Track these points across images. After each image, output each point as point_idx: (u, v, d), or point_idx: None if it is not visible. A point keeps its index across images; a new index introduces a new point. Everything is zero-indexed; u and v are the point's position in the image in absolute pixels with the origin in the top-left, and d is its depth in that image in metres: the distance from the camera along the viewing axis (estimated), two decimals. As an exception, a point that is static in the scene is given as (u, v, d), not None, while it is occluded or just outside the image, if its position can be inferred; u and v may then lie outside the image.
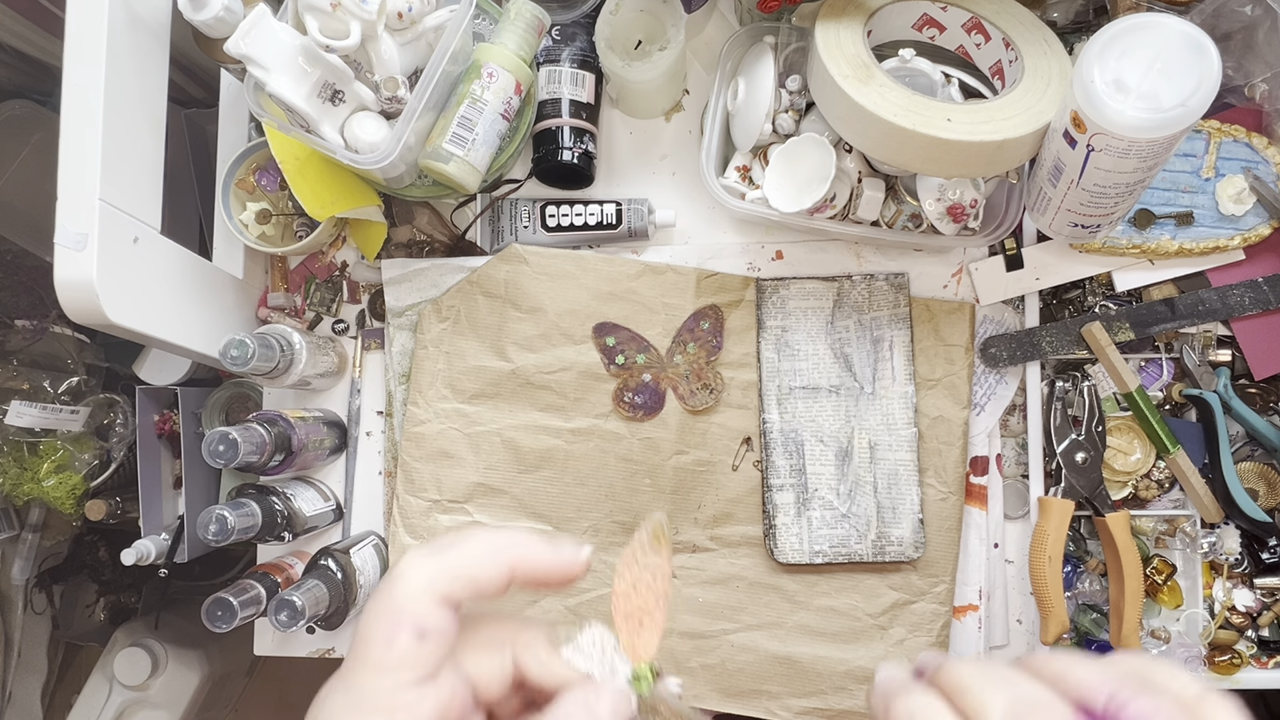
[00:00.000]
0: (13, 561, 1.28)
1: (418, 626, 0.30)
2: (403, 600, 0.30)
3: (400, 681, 0.29)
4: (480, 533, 0.32)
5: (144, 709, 1.26)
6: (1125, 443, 0.81)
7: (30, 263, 1.11)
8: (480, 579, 0.31)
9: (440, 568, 0.31)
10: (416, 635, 0.30)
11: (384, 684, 0.29)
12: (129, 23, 0.70)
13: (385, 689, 0.29)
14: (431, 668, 0.30)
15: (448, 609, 0.31)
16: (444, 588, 0.31)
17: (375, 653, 0.30)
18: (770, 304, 0.82)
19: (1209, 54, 0.59)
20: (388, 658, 0.30)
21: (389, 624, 0.30)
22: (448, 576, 0.31)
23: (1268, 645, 0.80)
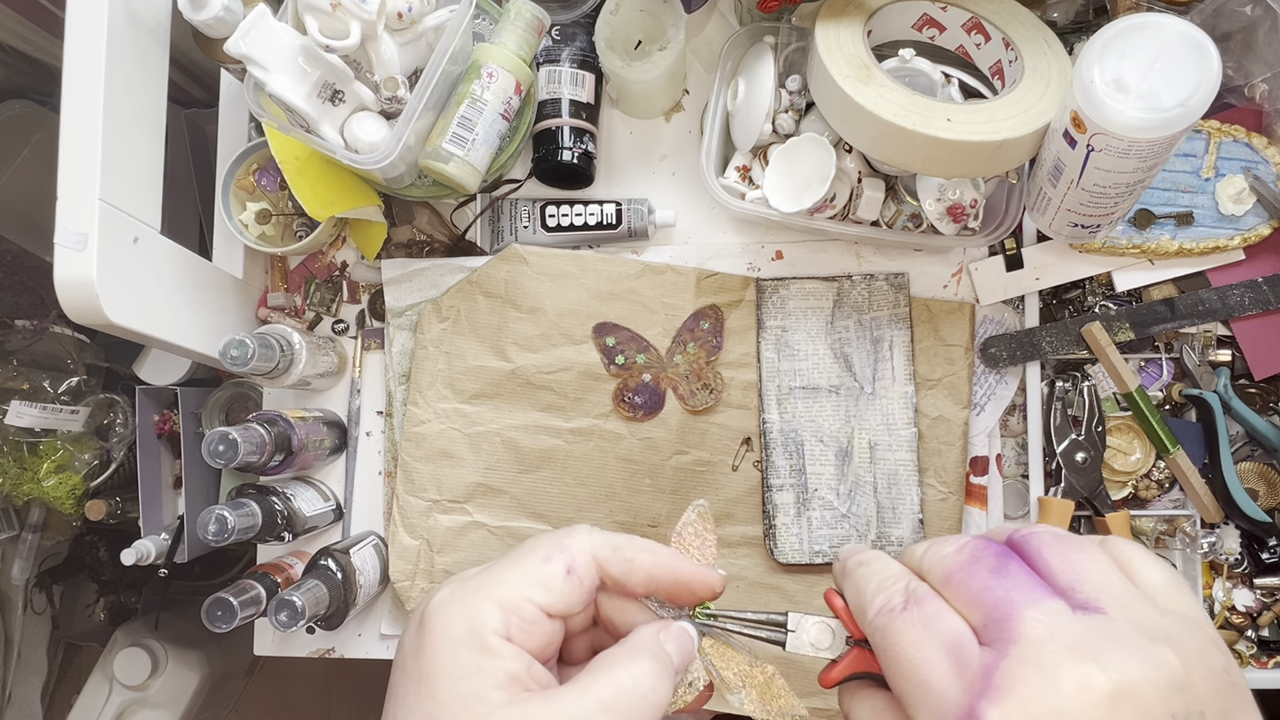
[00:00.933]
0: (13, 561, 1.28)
1: (571, 563, 0.34)
2: (573, 541, 0.35)
3: (534, 595, 0.33)
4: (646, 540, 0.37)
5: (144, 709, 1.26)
6: (1125, 443, 0.81)
7: (30, 263, 1.11)
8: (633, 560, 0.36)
9: (605, 539, 0.36)
10: (566, 568, 0.34)
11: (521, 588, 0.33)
12: (129, 23, 0.70)
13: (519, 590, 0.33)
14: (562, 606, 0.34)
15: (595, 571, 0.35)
16: (603, 553, 0.35)
17: (531, 563, 0.34)
18: (770, 304, 0.82)
19: (1209, 54, 0.59)
20: (536, 572, 0.34)
21: (553, 548, 0.35)
22: (608, 546, 0.36)
23: (1268, 645, 0.80)
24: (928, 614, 0.30)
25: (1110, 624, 0.27)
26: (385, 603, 0.85)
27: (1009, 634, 0.28)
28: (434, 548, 0.82)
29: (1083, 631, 0.27)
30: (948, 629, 0.29)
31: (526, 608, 0.33)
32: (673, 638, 0.35)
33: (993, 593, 0.29)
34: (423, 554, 0.82)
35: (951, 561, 0.31)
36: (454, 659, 0.32)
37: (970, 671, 0.28)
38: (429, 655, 0.32)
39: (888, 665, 0.31)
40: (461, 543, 0.82)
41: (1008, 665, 0.27)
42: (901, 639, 0.30)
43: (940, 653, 0.29)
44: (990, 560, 0.30)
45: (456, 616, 0.32)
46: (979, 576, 0.30)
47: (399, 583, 0.82)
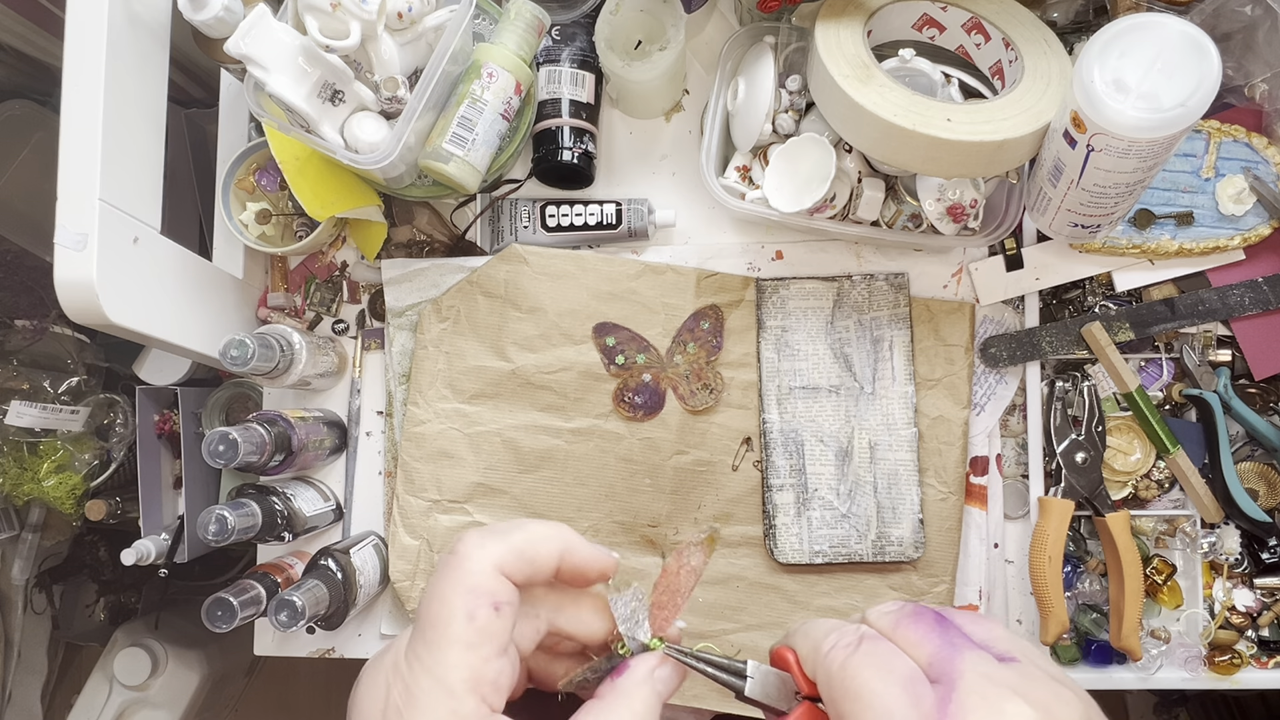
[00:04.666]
0: (13, 561, 1.28)
1: (494, 601, 0.32)
2: (477, 578, 0.32)
3: (485, 655, 0.32)
4: (533, 521, 0.35)
5: (144, 709, 1.26)
6: (1125, 443, 0.81)
7: (30, 263, 1.11)
8: (538, 561, 0.34)
9: (504, 548, 0.33)
10: (494, 609, 0.32)
11: (471, 659, 0.31)
12: (129, 23, 0.70)
13: (473, 663, 0.31)
14: (507, 639, 0.33)
15: (512, 585, 0.33)
16: (510, 567, 0.33)
17: (457, 630, 0.32)
18: (770, 304, 0.82)
19: (1209, 54, 0.59)
20: (469, 633, 0.32)
21: (469, 600, 0.32)
22: (512, 555, 0.33)
23: (1268, 645, 0.80)
24: (882, 652, 0.33)
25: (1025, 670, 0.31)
26: (385, 603, 0.85)
27: (954, 673, 0.31)
28: (434, 548, 0.82)
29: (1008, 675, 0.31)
30: (901, 666, 0.32)
31: (488, 671, 0.32)
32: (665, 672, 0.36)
33: (938, 637, 0.33)
34: (423, 554, 0.82)
35: (898, 614, 0.34)
36: None
37: (926, 704, 0.30)
38: None
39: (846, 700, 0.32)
40: (461, 543, 0.82)
41: (958, 698, 0.30)
42: (861, 673, 0.32)
43: (898, 688, 0.31)
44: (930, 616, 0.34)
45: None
46: (925, 624, 0.33)
47: (399, 583, 0.82)
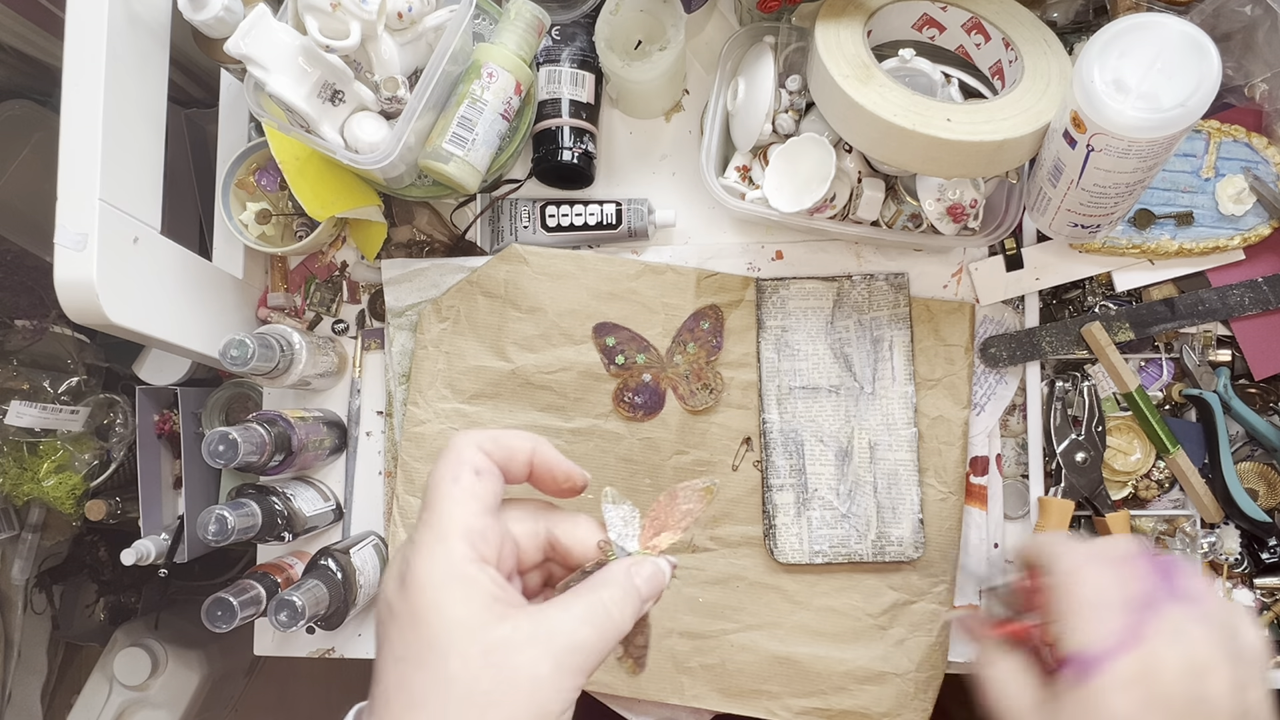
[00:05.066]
0: (13, 561, 1.28)
1: (475, 466, 0.38)
2: (461, 452, 0.38)
3: (472, 510, 0.37)
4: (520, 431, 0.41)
5: (144, 709, 1.26)
6: (1125, 443, 0.81)
7: (30, 263, 1.11)
8: (512, 447, 0.40)
9: (484, 434, 0.39)
10: (474, 472, 0.38)
11: (458, 512, 0.37)
12: (129, 23, 0.70)
13: (460, 515, 0.37)
14: (491, 501, 0.38)
15: (493, 461, 0.39)
16: (487, 446, 0.39)
17: (444, 489, 0.37)
18: (770, 304, 0.82)
19: (1209, 54, 0.59)
20: (456, 491, 0.37)
21: (453, 467, 0.38)
22: (489, 440, 0.39)
23: (1268, 645, 0.80)
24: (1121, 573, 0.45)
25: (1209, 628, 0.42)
26: (385, 603, 0.85)
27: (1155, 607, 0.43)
28: (434, 548, 0.82)
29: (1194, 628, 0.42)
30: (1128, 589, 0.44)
31: (474, 524, 0.37)
32: (643, 573, 0.40)
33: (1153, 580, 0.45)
34: (423, 554, 0.82)
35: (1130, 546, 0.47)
36: (441, 595, 0.35)
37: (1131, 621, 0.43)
38: (417, 597, 0.35)
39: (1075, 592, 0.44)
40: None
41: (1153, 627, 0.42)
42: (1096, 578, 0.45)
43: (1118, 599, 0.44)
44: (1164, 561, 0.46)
45: (429, 562, 0.36)
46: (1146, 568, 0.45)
47: (399, 583, 0.82)
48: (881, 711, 0.78)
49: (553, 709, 0.35)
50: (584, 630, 0.37)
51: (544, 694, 0.35)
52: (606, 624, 0.37)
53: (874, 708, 0.78)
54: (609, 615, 0.38)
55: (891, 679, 0.78)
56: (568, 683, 0.35)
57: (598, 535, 0.41)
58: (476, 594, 0.36)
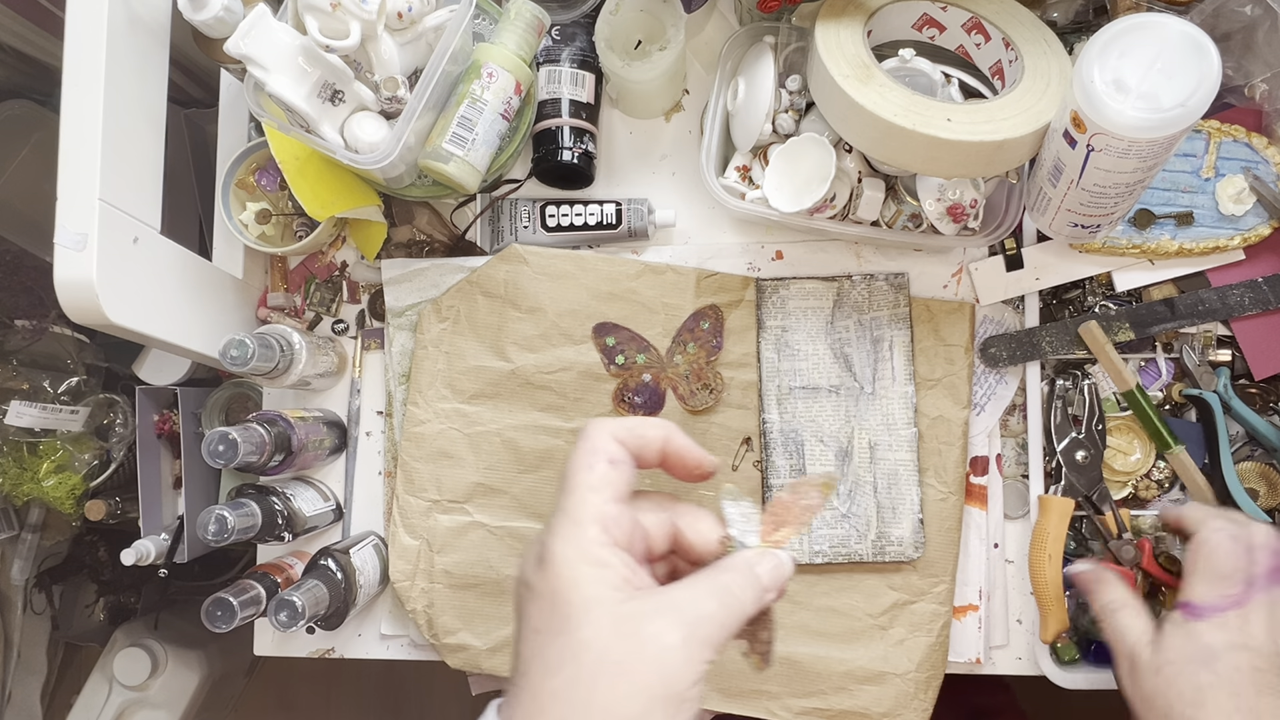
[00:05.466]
0: (12, 561, 1.28)
1: (609, 456, 0.41)
2: (596, 441, 0.41)
3: (605, 497, 0.40)
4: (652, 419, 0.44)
5: (144, 709, 1.26)
6: (1125, 443, 0.81)
7: (30, 263, 1.11)
8: (645, 436, 0.42)
9: (618, 424, 0.42)
10: (609, 461, 0.40)
11: (592, 498, 0.39)
12: (129, 23, 0.70)
13: (594, 502, 0.39)
14: (624, 488, 0.40)
15: (626, 450, 0.41)
16: (622, 435, 0.42)
17: (581, 477, 0.40)
18: (770, 304, 0.82)
19: (1209, 54, 0.59)
20: (591, 479, 0.40)
21: (588, 456, 0.40)
22: (623, 429, 0.42)
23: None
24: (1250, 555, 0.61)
25: None
26: (385, 603, 0.85)
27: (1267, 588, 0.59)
28: (434, 548, 0.82)
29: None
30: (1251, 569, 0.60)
31: (607, 510, 0.39)
32: (765, 563, 0.42)
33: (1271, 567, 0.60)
34: (423, 554, 0.82)
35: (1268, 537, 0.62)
36: (576, 573, 0.38)
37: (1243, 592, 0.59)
38: (554, 575, 0.38)
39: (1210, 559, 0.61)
40: (461, 543, 0.82)
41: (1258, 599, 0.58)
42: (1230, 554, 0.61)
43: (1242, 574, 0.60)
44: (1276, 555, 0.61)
45: (565, 544, 0.39)
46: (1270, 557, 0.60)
47: (399, 583, 0.82)
48: (881, 712, 0.78)
49: (682, 677, 0.36)
50: (708, 603, 0.38)
51: (672, 662, 0.36)
52: (730, 600, 0.39)
53: (874, 708, 0.78)
54: (732, 593, 0.39)
55: (891, 679, 0.78)
56: (696, 653, 0.37)
57: (719, 531, 0.43)
58: (608, 574, 0.38)
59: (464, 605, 0.81)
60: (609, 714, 0.35)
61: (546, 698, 0.36)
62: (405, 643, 0.86)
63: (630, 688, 0.36)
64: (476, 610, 0.81)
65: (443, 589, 0.81)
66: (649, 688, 0.36)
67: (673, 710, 0.36)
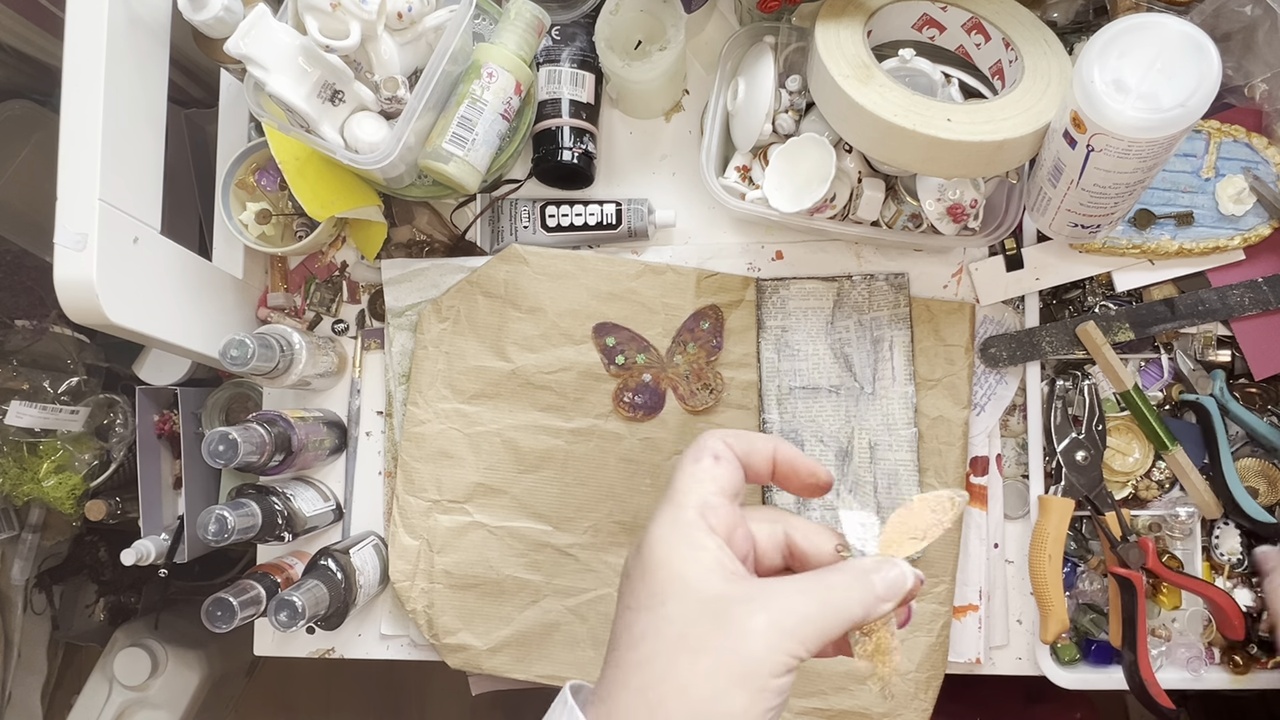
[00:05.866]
0: (13, 561, 1.28)
1: (714, 453, 0.41)
2: (705, 441, 0.42)
3: (708, 489, 0.40)
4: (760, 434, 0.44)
5: (144, 709, 1.26)
6: (1124, 443, 0.81)
7: (30, 263, 1.11)
8: (755, 444, 0.43)
9: (729, 432, 0.43)
10: (714, 458, 0.41)
11: (697, 489, 0.40)
12: (129, 23, 0.70)
13: (698, 492, 0.40)
14: (727, 485, 0.41)
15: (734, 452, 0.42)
16: (730, 439, 0.42)
17: (685, 468, 0.41)
18: (770, 304, 0.82)
19: (1209, 54, 0.59)
20: (696, 470, 0.41)
21: (696, 450, 0.42)
22: (733, 435, 0.43)
23: (1267, 645, 0.80)
24: None
25: None
26: (385, 603, 0.85)
27: None
28: (434, 548, 0.82)
29: None
30: None
31: (708, 498, 0.40)
32: (884, 571, 0.40)
33: None
34: (423, 554, 0.82)
35: None
36: (670, 551, 0.39)
37: None
38: (649, 554, 0.39)
39: None
40: (461, 543, 0.82)
41: None
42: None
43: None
44: None
45: (663, 527, 0.40)
46: None
47: (399, 583, 0.82)
48: (882, 712, 0.78)
49: (763, 664, 0.36)
50: (802, 599, 0.38)
51: (755, 648, 0.36)
52: (831, 599, 0.38)
53: (874, 708, 0.78)
54: (832, 591, 0.38)
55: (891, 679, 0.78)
56: (781, 644, 0.36)
57: (835, 539, 0.42)
58: (703, 557, 0.38)
59: (464, 605, 0.81)
60: (686, 691, 0.36)
61: (630, 668, 0.37)
62: (405, 643, 0.86)
63: (709, 666, 0.36)
64: (476, 610, 0.81)
65: (443, 589, 0.82)
66: (727, 668, 0.36)
67: (753, 697, 0.36)
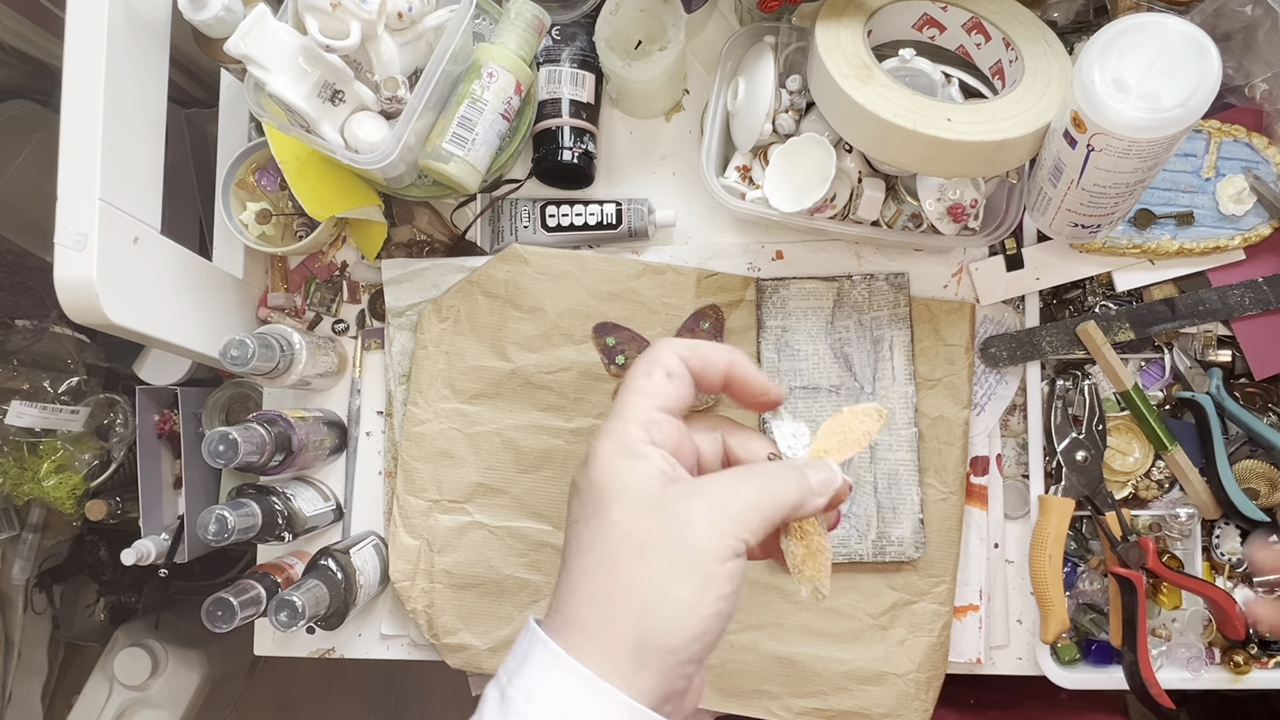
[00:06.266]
0: (13, 561, 1.28)
1: (667, 368, 0.41)
2: (658, 353, 0.42)
3: (654, 404, 0.40)
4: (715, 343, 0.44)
5: (144, 709, 1.26)
6: (1124, 443, 0.81)
7: (30, 263, 1.11)
8: (709, 357, 0.42)
9: (683, 342, 0.42)
10: (666, 374, 0.41)
11: (643, 404, 0.40)
12: (129, 23, 0.70)
13: (644, 407, 0.40)
14: (676, 403, 0.41)
15: (688, 368, 0.42)
16: (685, 353, 0.42)
17: (637, 381, 0.41)
18: (770, 304, 0.82)
19: (1209, 54, 0.59)
20: (646, 385, 0.41)
21: (648, 364, 0.41)
22: (687, 347, 0.42)
23: (1268, 645, 0.80)
24: None
25: None
26: (385, 603, 0.85)
27: None
28: (434, 548, 0.82)
29: None
30: None
31: (653, 414, 0.40)
32: (816, 469, 0.41)
33: None
34: (423, 554, 0.82)
35: None
36: (613, 464, 0.39)
37: None
38: (593, 468, 0.40)
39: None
40: (462, 543, 0.82)
41: None
42: None
43: None
44: None
45: (607, 440, 0.40)
46: None
47: (399, 583, 0.82)
48: (882, 712, 0.78)
49: (707, 549, 0.37)
50: (741, 485, 0.39)
51: (698, 534, 0.37)
52: (769, 486, 0.39)
53: (874, 708, 0.78)
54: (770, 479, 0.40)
55: (892, 679, 0.78)
56: (724, 526, 0.37)
57: (769, 447, 0.43)
58: (645, 466, 0.39)
59: (464, 605, 0.81)
60: (633, 584, 0.36)
61: (578, 575, 0.38)
62: (405, 643, 0.86)
63: (655, 559, 0.36)
64: (476, 610, 0.81)
65: (443, 589, 0.82)
66: (672, 557, 0.36)
67: (699, 583, 0.36)
